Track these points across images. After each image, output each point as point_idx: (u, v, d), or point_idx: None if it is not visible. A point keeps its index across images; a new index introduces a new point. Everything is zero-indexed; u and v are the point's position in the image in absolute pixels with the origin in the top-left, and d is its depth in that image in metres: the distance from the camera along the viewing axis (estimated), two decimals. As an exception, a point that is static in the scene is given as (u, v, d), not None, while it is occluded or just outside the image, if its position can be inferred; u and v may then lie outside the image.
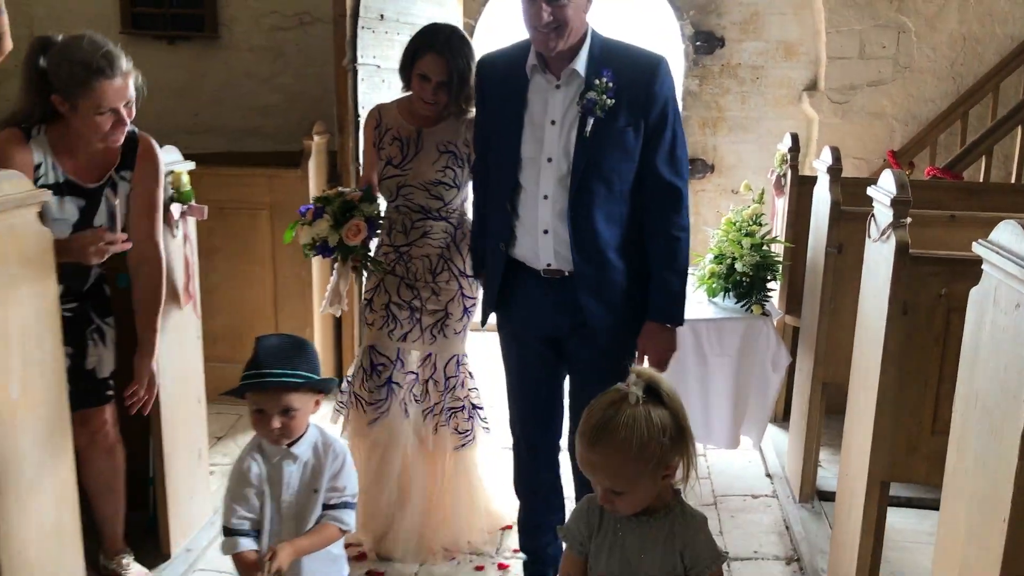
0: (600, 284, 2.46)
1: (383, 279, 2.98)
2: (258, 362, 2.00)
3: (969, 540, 1.77)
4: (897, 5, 4.93)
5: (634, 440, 1.65)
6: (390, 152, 2.92)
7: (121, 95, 2.40)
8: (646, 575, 1.77)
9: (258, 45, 5.28)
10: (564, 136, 2.39)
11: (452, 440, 3.07)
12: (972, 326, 1.81)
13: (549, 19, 2.27)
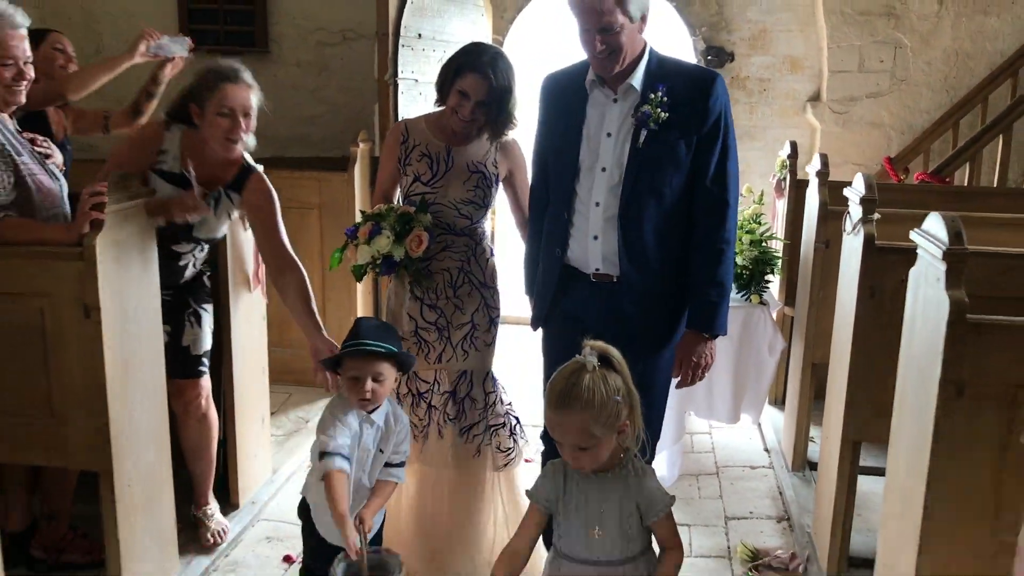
0: (644, 290, 2.53)
1: (405, 305, 2.94)
2: (359, 335, 2.32)
3: (908, 473, 2.18)
4: (894, 23, 5.32)
5: (595, 401, 1.90)
6: (418, 168, 2.86)
7: (242, 100, 2.78)
8: (609, 522, 1.99)
9: (305, 60, 5.75)
10: (619, 147, 2.47)
11: (496, 459, 2.98)
12: (910, 299, 2.22)
13: (602, 47, 2.37)
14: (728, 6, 5.58)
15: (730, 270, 2.57)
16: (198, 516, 3.19)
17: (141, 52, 3.31)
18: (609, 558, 2.00)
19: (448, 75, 2.79)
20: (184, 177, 2.81)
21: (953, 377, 1.95)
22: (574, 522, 2.03)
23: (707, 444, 4.23)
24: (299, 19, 5.70)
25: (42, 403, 2.51)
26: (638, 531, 2.01)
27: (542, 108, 2.70)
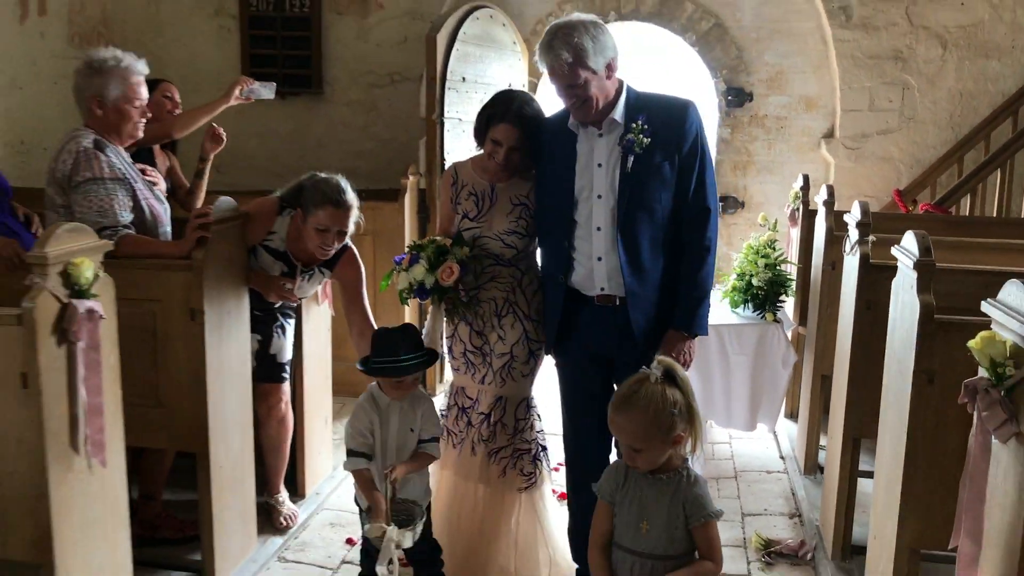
0: (646, 300, 2.75)
1: (456, 328, 3.15)
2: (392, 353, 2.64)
3: (891, 453, 2.55)
4: (902, 66, 5.72)
5: (650, 409, 2.10)
6: (466, 207, 3.07)
7: (338, 221, 3.18)
8: (656, 520, 2.18)
9: (355, 100, 6.26)
10: (610, 174, 2.72)
11: (517, 482, 3.15)
12: (892, 304, 2.60)
13: (574, 100, 2.67)
14: (747, 50, 6.01)
15: (710, 274, 2.78)
16: (271, 503, 3.60)
17: (236, 96, 3.78)
18: (652, 552, 2.18)
19: (482, 124, 3.01)
20: (286, 255, 3.30)
21: (925, 367, 2.32)
22: (627, 515, 2.22)
23: (727, 452, 4.58)
24: (351, 63, 6.22)
25: (152, 393, 2.95)
26: (683, 534, 2.17)
27: (538, 152, 2.93)
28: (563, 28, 2.63)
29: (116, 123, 3.14)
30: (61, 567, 2.27)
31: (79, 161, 2.97)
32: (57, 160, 3.02)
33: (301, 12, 6.16)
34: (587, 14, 2.73)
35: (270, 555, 3.39)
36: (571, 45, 2.59)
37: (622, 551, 2.23)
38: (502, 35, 5.61)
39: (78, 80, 3.15)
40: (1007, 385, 1.64)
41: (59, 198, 3.02)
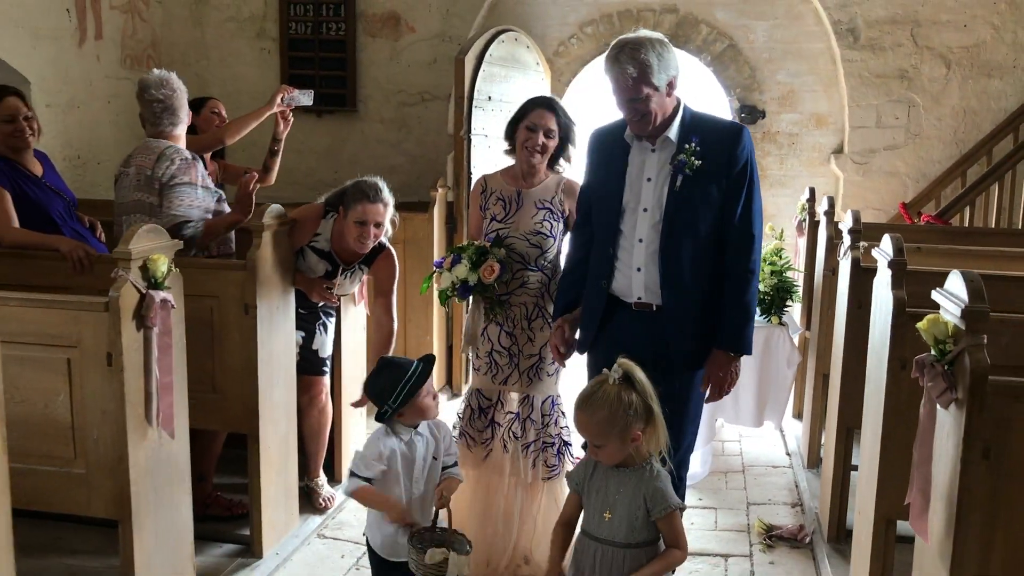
0: (682, 315, 2.78)
1: (487, 328, 3.32)
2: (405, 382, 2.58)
3: (871, 433, 2.83)
4: (907, 84, 6.00)
5: (606, 409, 2.24)
6: (494, 210, 3.32)
7: (375, 216, 3.47)
8: (619, 510, 2.30)
9: (387, 117, 6.63)
10: (658, 190, 2.77)
11: (542, 472, 3.34)
12: (874, 301, 2.89)
13: (633, 114, 2.73)
14: (760, 70, 6.31)
15: (755, 296, 2.84)
16: (311, 486, 3.93)
17: (278, 104, 4.13)
18: (614, 539, 2.30)
19: (515, 118, 3.28)
20: (330, 254, 3.64)
21: (898, 355, 2.60)
22: (593, 503, 2.36)
23: (736, 449, 4.85)
24: (383, 83, 6.59)
25: (208, 380, 3.29)
26: (643, 523, 2.29)
27: (589, 158, 3.02)
28: (631, 43, 2.68)
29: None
30: (136, 523, 2.61)
31: (180, 168, 3.41)
32: (156, 166, 3.42)
33: (337, 35, 6.55)
34: (654, 32, 2.78)
35: (310, 532, 3.71)
36: (637, 60, 2.64)
37: (588, 538, 2.36)
38: (526, 56, 5.95)
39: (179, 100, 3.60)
40: (948, 359, 1.93)
41: (153, 197, 3.42)
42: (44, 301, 2.54)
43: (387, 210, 3.57)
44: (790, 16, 6.21)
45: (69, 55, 5.84)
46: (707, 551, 3.65)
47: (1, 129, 3.44)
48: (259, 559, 3.40)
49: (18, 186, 3.43)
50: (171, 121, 3.58)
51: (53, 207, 3.52)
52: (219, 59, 6.75)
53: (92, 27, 6.05)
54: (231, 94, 6.55)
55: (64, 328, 2.53)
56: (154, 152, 3.49)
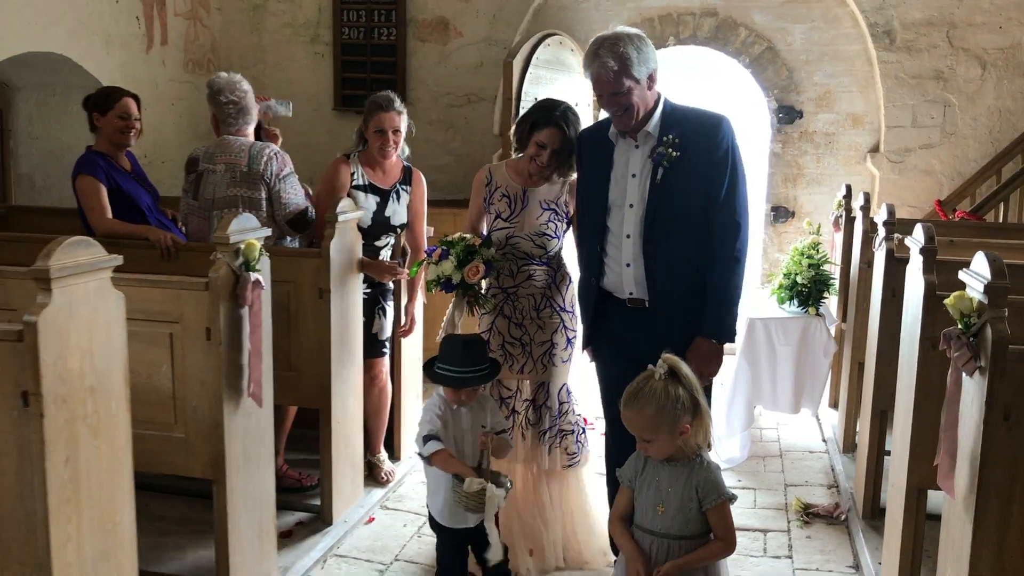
0: (671, 308, 2.87)
1: (494, 322, 3.37)
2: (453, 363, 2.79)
3: (904, 414, 3.02)
4: (943, 85, 6.15)
5: (653, 404, 2.28)
6: (499, 207, 3.34)
7: (391, 123, 3.81)
8: (671, 502, 2.35)
9: (436, 118, 6.90)
10: (642, 185, 2.84)
11: (562, 460, 3.41)
12: (907, 286, 3.08)
13: (616, 108, 2.79)
14: (797, 71, 6.50)
15: (739, 283, 2.86)
16: (373, 461, 4.19)
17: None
18: (668, 532, 2.35)
19: (526, 128, 3.25)
20: (374, 186, 3.91)
21: (928, 335, 2.80)
22: (645, 497, 2.39)
23: (774, 436, 5.04)
24: (432, 86, 6.87)
25: (284, 359, 3.56)
26: (697, 516, 2.33)
27: (578, 160, 3.13)
28: (609, 39, 2.76)
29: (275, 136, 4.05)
30: (230, 484, 2.89)
31: (279, 161, 3.77)
32: (252, 163, 3.74)
33: (388, 40, 6.84)
34: (631, 28, 2.84)
35: (374, 503, 3.98)
36: (616, 54, 2.72)
37: (641, 531, 2.40)
38: (570, 59, 6.20)
39: (250, 99, 3.92)
40: (972, 331, 2.13)
41: (258, 193, 3.72)
42: (150, 281, 2.82)
43: (401, 117, 3.88)
44: (827, 19, 6.39)
45: (137, 60, 6.18)
46: (747, 527, 3.86)
47: (115, 124, 3.78)
48: (329, 526, 3.68)
49: (113, 180, 3.75)
50: (245, 120, 3.89)
51: (142, 200, 3.83)
52: (275, 63, 7.07)
53: (158, 33, 6.40)
54: (286, 96, 6.84)
55: (167, 306, 2.81)
56: (242, 150, 3.78)
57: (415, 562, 3.52)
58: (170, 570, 3.20)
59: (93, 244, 2.25)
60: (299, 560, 3.40)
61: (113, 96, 3.85)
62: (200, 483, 3.74)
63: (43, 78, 5.73)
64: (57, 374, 2.12)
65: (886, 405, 3.67)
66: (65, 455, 2.17)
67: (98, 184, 3.69)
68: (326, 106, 7.06)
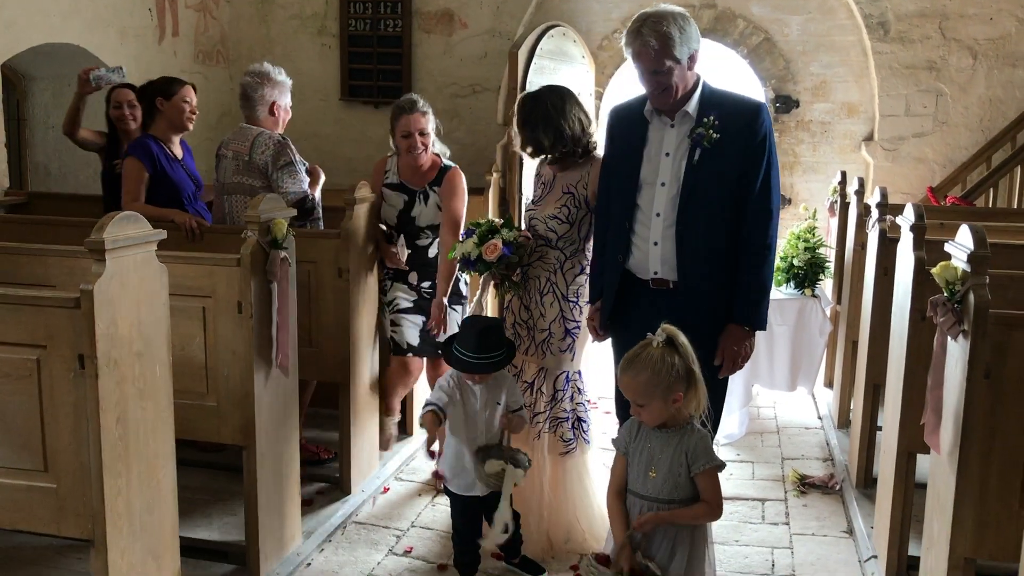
0: (698, 289, 2.83)
1: (510, 301, 3.49)
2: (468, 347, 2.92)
3: (896, 381, 3.20)
4: (935, 75, 6.32)
5: (650, 370, 2.32)
6: (535, 191, 3.54)
7: (416, 125, 3.82)
8: (662, 467, 2.41)
9: (440, 108, 6.98)
10: (676, 164, 2.81)
11: (556, 447, 3.41)
12: (899, 261, 3.26)
13: (655, 87, 2.77)
14: (794, 62, 6.67)
15: (771, 272, 2.87)
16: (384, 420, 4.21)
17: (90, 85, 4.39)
18: (659, 496, 2.41)
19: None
20: (404, 185, 3.99)
21: (918, 307, 2.98)
22: (638, 463, 2.46)
23: (771, 413, 5.23)
24: (437, 76, 7.02)
25: (305, 336, 3.72)
26: (686, 481, 2.39)
27: (608, 135, 3.07)
28: (653, 16, 2.72)
29: (279, 122, 4.08)
30: (259, 449, 3.06)
31: (279, 151, 3.85)
32: (252, 152, 3.87)
33: (394, 31, 6.99)
34: (676, 6, 2.82)
35: (389, 474, 4.16)
36: (659, 33, 2.68)
37: (633, 495, 2.47)
38: (573, 50, 6.36)
39: (254, 88, 4.00)
40: (957, 298, 2.31)
41: (259, 181, 3.86)
42: (184, 257, 2.99)
43: (427, 118, 3.90)
44: (823, 10, 6.56)
45: (150, 51, 6.33)
46: (746, 496, 4.04)
47: (180, 108, 3.98)
48: (347, 495, 3.85)
49: (162, 166, 3.93)
50: (250, 107, 4.02)
51: (185, 189, 4.01)
52: (283, 54, 7.20)
53: (170, 25, 6.55)
54: (294, 88, 6.91)
55: (201, 281, 2.98)
56: (247, 138, 3.95)
57: (430, 528, 3.70)
58: (200, 535, 3.36)
59: (140, 219, 2.42)
60: (321, 526, 3.57)
61: (176, 82, 4.05)
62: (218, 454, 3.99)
63: (59, 69, 5.87)
64: (110, 339, 2.29)
65: (878, 379, 3.84)
66: (116, 414, 2.34)
67: (141, 168, 3.87)
68: (333, 97, 7.21)
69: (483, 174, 6.18)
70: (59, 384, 2.29)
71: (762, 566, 3.40)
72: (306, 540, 3.44)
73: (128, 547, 2.43)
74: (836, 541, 3.61)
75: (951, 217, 4.88)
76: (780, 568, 3.39)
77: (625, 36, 2.77)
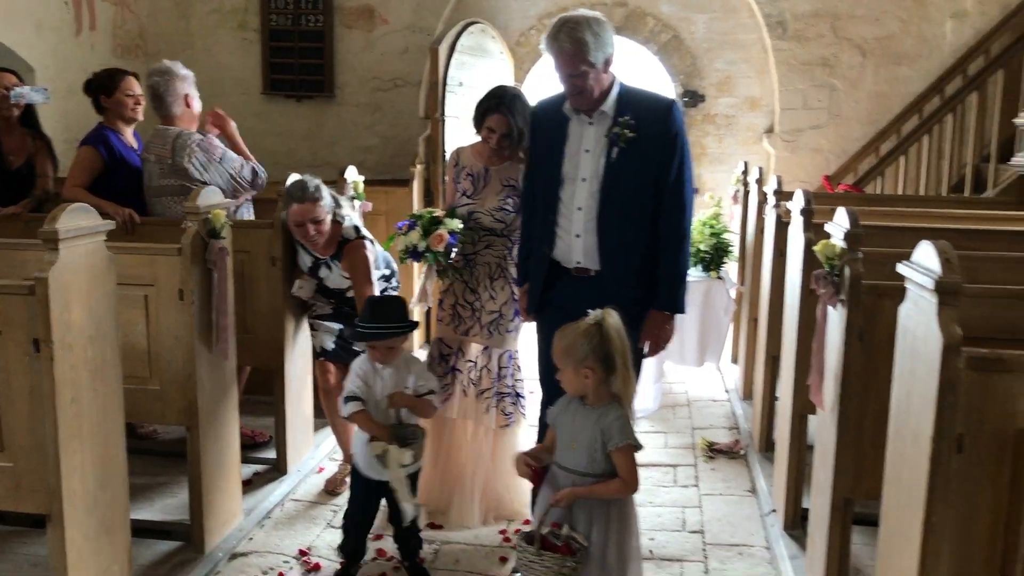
0: (619, 279, 2.98)
1: (452, 284, 3.60)
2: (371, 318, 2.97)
3: (789, 351, 3.54)
4: (829, 71, 6.78)
5: (567, 339, 2.50)
6: (464, 186, 3.57)
7: (307, 214, 3.56)
8: (582, 441, 2.53)
9: (363, 102, 7.21)
10: (596, 161, 2.96)
11: (498, 420, 3.61)
12: (790, 242, 3.60)
13: (573, 89, 2.93)
14: (700, 58, 7.05)
15: (687, 258, 3.05)
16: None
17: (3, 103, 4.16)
18: (576, 468, 2.54)
19: (479, 116, 3.51)
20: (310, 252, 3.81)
21: (806, 283, 3.31)
22: (563, 435, 2.61)
23: (682, 389, 5.58)
24: (359, 71, 7.17)
25: (240, 323, 3.85)
26: (601, 456, 2.51)
27: (532, 132, 3.23)
28: (569, 22, 2.86)
29: (194, 114, 4.12)
30: (202, 429, 3.21)
31: (199, 151, 3.90)
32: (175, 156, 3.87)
33: (315, 26, 7.10)
34: (592, 11, 2.96)
35: (323, 455, 4.34)
36: (575, 39, 2.82)
37: (556, 466, 2.61)
38: (491, 46, 6.59)
39: (165, 87, 4.00)
40: (835, 272, 2.64)
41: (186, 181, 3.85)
42: (126, 248, 3.11)
43: (318, 206, 3.62)
44: (727, 10, 6.95)
45: (68, 44, 6.31)
46: (659, 463, 4.36)
47: (124, 102, 4.04)
48: (284, 475, 4.02)
49: (121, 156, 4.00)
50: (161, 108, 4.01)
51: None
52: (203, 48, 7.25)
53: (87, 18, 6.52)
54: (215, 82, 7.05)
55: (142, 269, 3.11)
56: (167, 141, 3.94)
57: (366, 502, 3.89)
58: (143, 516, 3.48)
59: (91, 210, 2.56)
60: (260, 503, 3.74)
61: (117, 76, 4.10)
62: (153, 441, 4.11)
63: (-26, 62, 5.82)
64: (64, 323, 2.43)
65: (776, 352, 4.20)
66: (71, 395, 2.48)
67: (95, 157, 3.95)
68: (255, 91, 7.28)
69: (407, 166, 6.38)
70: (15, 367, 2.42)
71: (674, 524, 3.71)
72: (247, 517, 3.60)
73: (83, 522, 2.57)
74: (741, 499, 3.95)
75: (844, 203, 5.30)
76: (690, 525, 3.70)
77: (544, 40, 2.92)
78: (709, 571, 3.32)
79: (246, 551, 3.39)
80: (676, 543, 3.54)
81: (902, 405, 2.12)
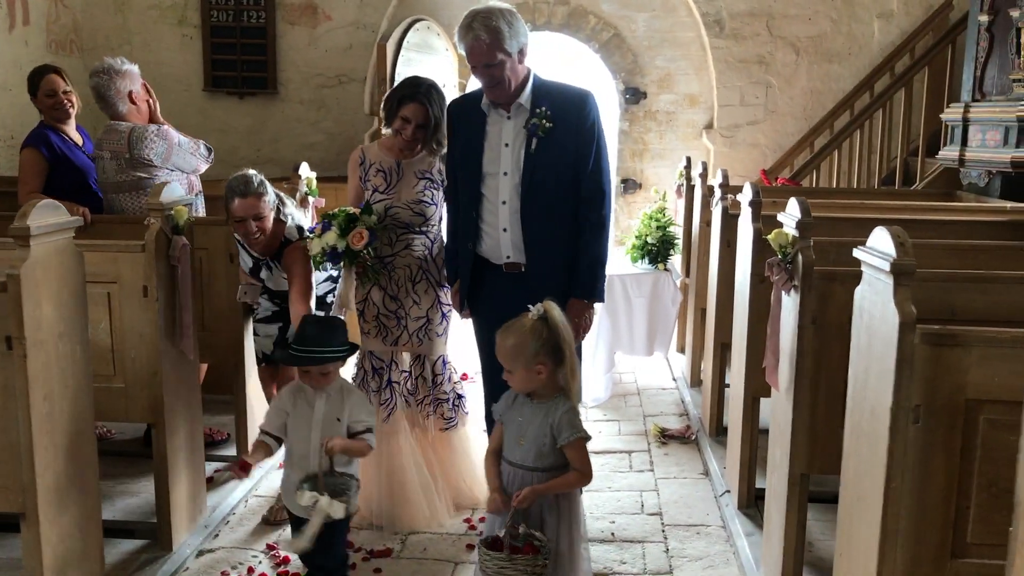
0: (547, 272, 3.02)
1: (369, 293, 3.43)
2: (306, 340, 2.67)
3: (740, 335, 3.69)
4: (765, 68, 7.02)
5: (515, 337, 2.44)
6: (375, 182, 3.43)
7: (249, 210, 3.40)
8: (529, 436, 2.52)
9: (306, 99, 7.18)
10: (516, 154, 2.98)
11: (438, 424, 3.62)
12: (740, 233, 3.75)
13: (488, 80, 2.91)
14: (641, 56, 7.21)
15: (607, 247, 3.05)
16: None
17: None
18: (524, 463, 2.54)
19: (393, 104, 3.35)
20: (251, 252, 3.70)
21: (757, 272, 3.45)
22: (511, 431, 2.59)
23: (632, 378, 5.72)
24: (302, 66, 7.15)
25: (199, 320, 3.83)
26: (550, 450, 2.51)
27: (450, 128, 3.21)
28: (482, 12, 2.87)
29: (142, 109, 4.09)
30: (168, 424, 3.20)
31: (159, 138, 3.92)
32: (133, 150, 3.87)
33: (257, 22, 7.06)
34: (505, 3, 2.96)
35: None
36: (489, 28, 2.83)
37: (505, 462, 2.60)
38: (437, 43, 6.64)
39: (107, 87, 3.96)
40: (788, 259, 2.78)
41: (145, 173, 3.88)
42: (88, 245, 3.07)
43: (262, 201, 3.46)
44: (666, 8, 7.13)
45: (0, 40, 6.14)
46: (614, 449, 4.48)
47: (44, 103, 3.96)
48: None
49: (63, 153, 3.94)
50: (106, 106, 4.00)
51: (90, 173, 4.03)
52: (142, 44, 7.14)
53: (20, 12, 6.36)
54: (155, 79, 6.88)
55: (106, 267, 3.08)
56: (121, 136, 3.93)
57: (329, 496, 3.91)
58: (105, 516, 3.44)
59: (59, 207, 2.54)
60: (224, 499, 3.73)
61: (35, 77, 4.04)
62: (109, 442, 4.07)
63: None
64: (36, 320, 2.42)
65: (725, 339, 4.35)
66: (44, 392, 2.47)
67: (38, 159, 3.90)
68: (196, 87, 7.21)
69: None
70: (-14, 365, 2.40)
71: (633, 507, 3.84)
72: (212, 513, 3.60)
73: (57, 519, 2.56)
74: (695, 482, 4.10)
75: (783, 196, 5.49)
76: (648, 507, 3.83)
77: (457, 32, 2.93)
78: (670, 550, 3.45)
79: (213, 547, 3.40)
80: (636, 525, 3.66)
81: (859, 381, 2.26)
